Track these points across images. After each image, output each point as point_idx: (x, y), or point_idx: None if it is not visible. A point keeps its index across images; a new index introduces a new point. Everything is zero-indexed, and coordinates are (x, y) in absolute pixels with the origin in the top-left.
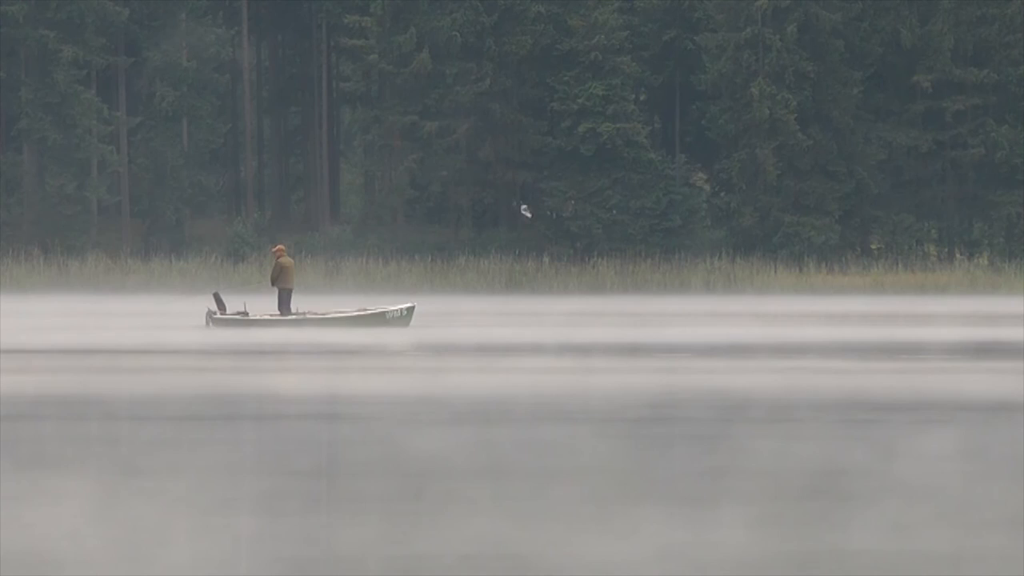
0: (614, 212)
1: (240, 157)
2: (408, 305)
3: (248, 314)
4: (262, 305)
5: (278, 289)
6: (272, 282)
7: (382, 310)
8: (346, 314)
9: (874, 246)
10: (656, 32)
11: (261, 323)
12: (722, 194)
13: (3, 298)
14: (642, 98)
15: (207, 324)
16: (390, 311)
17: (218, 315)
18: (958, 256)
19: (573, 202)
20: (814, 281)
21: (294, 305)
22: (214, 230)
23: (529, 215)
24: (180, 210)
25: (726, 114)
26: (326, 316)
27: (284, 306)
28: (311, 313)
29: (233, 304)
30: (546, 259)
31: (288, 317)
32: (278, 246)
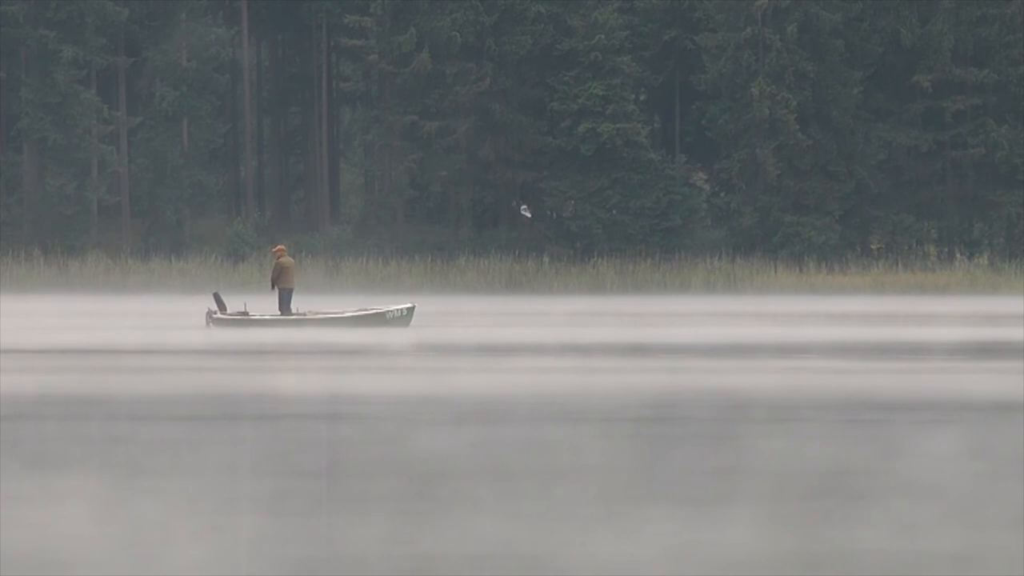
0: (614, 212)
1: (240, 157)
2: (408, 305)
3: (248, 314)
4: (262, 305)
5: (278, 289)
6: (272, 283)
7: (382, 310)
8: (346, 314)
9: (874, 246)
10: (656, 32)
11: (261, 323)
12: (722, 194)
13: (3, 298)
14: (642, 98)
15: (207, 324)
16: (390, 311)
17: (218, 315)
18: (958, 256)
19: (573, 202)
20: (814, 281)
21: (294, 305)
22: (214, 230)
23: (529, 215)
24: (180, 210)
25: (726, 114)
26: (327, 316)
27: (284, 306)
28: (312, 313)
29: (233, 304)
30: (546, 259)
31: (289, 317)
32: (278, 246)
